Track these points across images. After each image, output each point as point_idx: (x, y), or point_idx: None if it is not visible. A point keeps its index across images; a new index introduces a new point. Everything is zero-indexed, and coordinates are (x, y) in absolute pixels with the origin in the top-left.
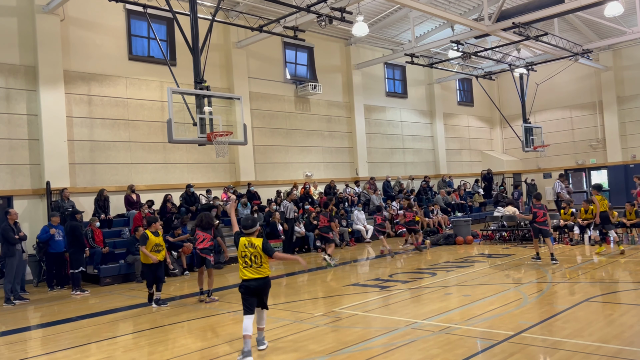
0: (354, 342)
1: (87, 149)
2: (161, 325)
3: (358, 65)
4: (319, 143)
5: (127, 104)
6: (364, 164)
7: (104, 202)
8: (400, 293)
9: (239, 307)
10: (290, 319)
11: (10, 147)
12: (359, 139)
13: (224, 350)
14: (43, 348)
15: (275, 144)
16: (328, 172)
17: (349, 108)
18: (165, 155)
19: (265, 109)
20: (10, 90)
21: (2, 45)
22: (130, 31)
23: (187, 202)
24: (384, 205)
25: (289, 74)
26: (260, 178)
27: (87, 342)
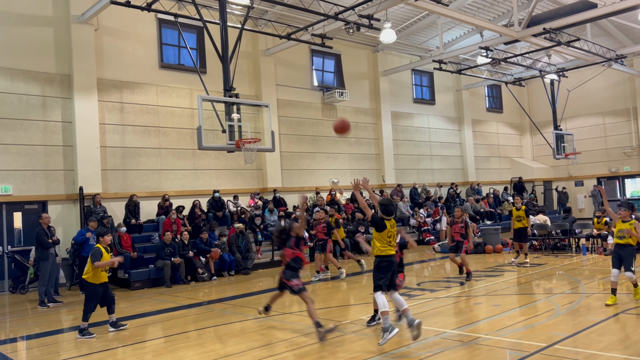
0: (381, 352)
1: (119, 155)
2: (190, 330)
3: (385, 72)
4: (345, 150)
5: (158, 111)
6: (390, 171)
7: (134, 207)
8: (429, 302)
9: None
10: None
11: (45, 153)
12: (385, 146)
13: (253, 356)
14: (76, 350)
15: (302, 151)
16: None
17: (376, 115)
18: (195, 162)
19: (293, 116)
20: (46, 98)
21: (39, 55)
22: (161, 40)
23: (214, 208)
24: (410, 213)
25: (316, 81)
26: (286, 184)
27: (118, 346)
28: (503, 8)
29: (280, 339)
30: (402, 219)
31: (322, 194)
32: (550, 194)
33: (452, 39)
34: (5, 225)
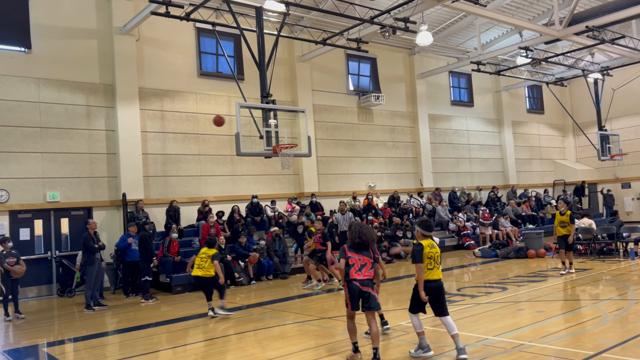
0: (425, 359)
1: (160, 162)
2: (230, 334)
3: (422, 75)
4: (382, 154)
5: (197, 119)
6: (428, 175)
7: (174, 213)
8: (470, 308)
9: (304, 318)
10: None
11: (90, 161)
12: (423, 149)
13: (302, 357)
14: (120, 353)
15: (338, 155)
16: (391, 183)
17: (413, 118)
18: (233, 168)
19: (329, 121)
20: (90, 108)
21: (83, 66)
22: (199, 48)
23: (252, 213)
24: (450, 217)
25: (352, 86)
26: (323, 189)
27: (160, 349)
28: (543, 7)
29: (319, 343)
30: (441, 223)
31: (359, 198)
32: (595, 196)
33: (491, 40)
34: (54, 230)
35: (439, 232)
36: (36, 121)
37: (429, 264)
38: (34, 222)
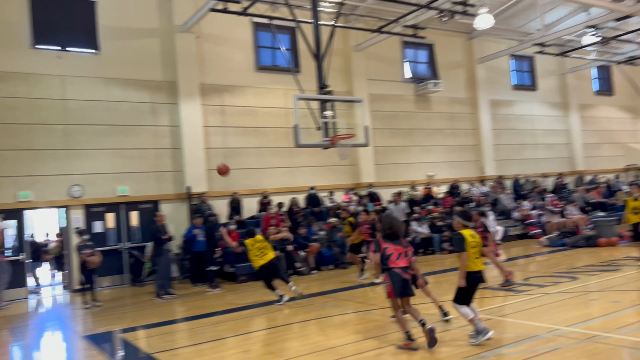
0: (490, 347)
1: (221, 155)
2: (293, 323)
3: (481, 59)
4: (441, 142)
5: (256, 112)
6: (490, 162)
7: (236, 204)
8: (538, 298)
9: (365, 307)
10: None
11: (156, 156)
12: (484, 136)
13: (357, 348)
14: (189, 340)
15: (396, 145)
16: (452, 172)
17: (473, 104)
18: (291, 160)
19: (385, 110)
20: (155, 105)
21: (147, 64)
22: (256, 43)
23: (310, 204)
24: (514, 206)
25: (409, 73)
26: (381, 179)
27: (227, 336)
28: None
29: (380, 333)
30: (505, 212)
31: (417, 188)
32: None
33: (555, 20)
34: (124, 223)
35: (503, 221)
36: (105, 119)
37: (474, 254)
38: (105, 216)
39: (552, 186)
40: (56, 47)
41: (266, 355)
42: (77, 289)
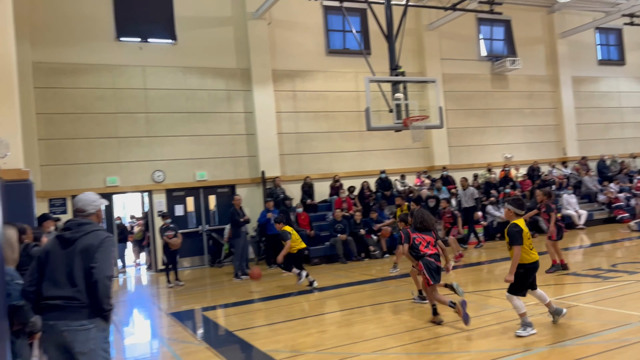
0: (576, 335)
1: (294, 140)
2: (365, 305)
3: (563, 34)
4: (519, 122)
5: (326, 97)
6: (572, 143)
7: (308, 188)
8: (628, 285)
9: (441, 291)
10: (500, 306)
11: (232, 142)
12: (566, 115)
13: (435, 332)
14: (266, 319)
15: (471, 126)
16: (530, 153)
17: (554, 82)
18: (362, 143)
19: (460, 90)
20: (230, 92)
21: (222, 52)
22: (327, 27)
23: (381, 188)
24: (599, 188)
25: (485, 51)
26: (455, 162)
27: (302, 317)
28: None
29: (457, 318)
30: (589, 195)
31: (494, 170)
32: None
33: None
34: (203, 207)
35: (587, 205)
36: (184, 107)
37: (530, 245)
38: (186, 199)
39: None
40: (137, 39)
41: (343, 337)
42: (161, 269)
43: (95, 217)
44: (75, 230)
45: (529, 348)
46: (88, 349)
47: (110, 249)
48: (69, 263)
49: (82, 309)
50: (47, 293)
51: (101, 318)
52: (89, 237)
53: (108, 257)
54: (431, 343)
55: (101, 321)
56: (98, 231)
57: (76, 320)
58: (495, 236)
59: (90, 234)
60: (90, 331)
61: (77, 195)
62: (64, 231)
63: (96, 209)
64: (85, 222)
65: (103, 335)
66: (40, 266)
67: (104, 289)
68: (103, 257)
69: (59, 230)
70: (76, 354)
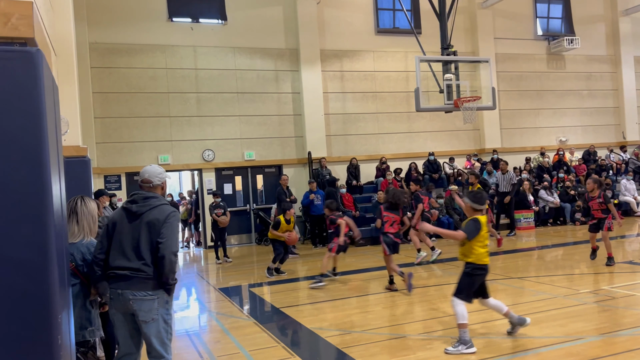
0: (633, 325)
1: (340, 121)
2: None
3: (627, 11)
4: (575, 104)
5: (375, 77)
6: (633, 126)
7: (354, 170)
8: None
9: (490, 277)
10: (551, 293)
11: (279, 122)
12: (627, 97)
13: (483, 317)
14: (311, 297)
15: (524, 108)
16: (587, 137)
17: (615, 62)
18: (410, 125)
19: (513, 70)
20: (278, 72)
21: (271, 32)
22: (377, 5)
23: (429, 170)
24: None
25: (541, 30)
26: (506, 145)
27: (347, 297)
28: None
29: (508, 302)
30: None
31: (548, 154)
32: None
33: None
34: (251, 186)
35: None
36: (233, 87)
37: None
38: (234, 178)
39: None
40: (188, 20)
41: (388, 317)
42: (210, 245)
43: (160, 189)
44: (142, 204)
45: (579, 337)
46: (150, 318)
47: (176, 224)
48: (135, 236)
49: (148, 280)
50: (115, 263)
51: (164, 290)
52: (155, 212)
53: (173, 233)
54: (479, 327)
55: (164, 293)
56: (164, 205)
57: (142, 291)
58: (547, 222)
59: (156, 208)
60: (154, 301)
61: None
62: (131, 204)
63: (162, 181)
64: (151, 195)
65: (166, 307)
66: (108, 236)
67: (169, 264)
68: (169, 232)
69: (125, 202)
70: (140, 322)
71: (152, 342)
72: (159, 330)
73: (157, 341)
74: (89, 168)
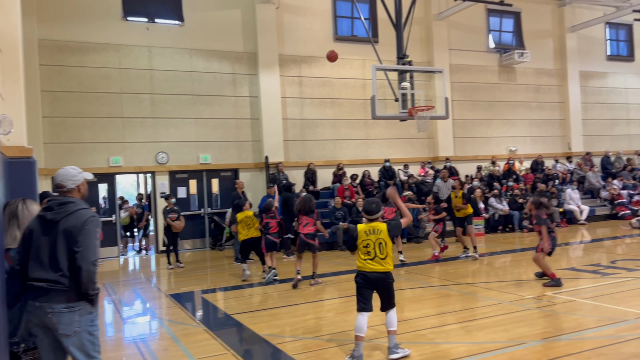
0: (572, 330)
1: (298, 126)
2: None
3: (573, 28)
4: (525, 115)
5: (333, 84)
6: (578, 138)
7: (311, 175)
8: (627, 282)
9: (441, 282)
10: (498, 298)
11: (236, 125)
12: (572, 110)
13: (432, 322)
14: (265, 304)
15: (476, 117)
16: (535, 147)
17: (561, 76)
18: (367, 132)
19: (466, 81)
20: (236, 75)
21: (229, 35)
22: (335, 12)
23: (384, 177)
24: (602, 184)
25: (493, 43)
26: (459, 153)
27: (301, 302)
28: None
29: (458, 308)
30: (592, 191)
31: (499, 163)
32: None
33: None
34: (206, 190)
35: (589, 200)
36: (189, 89)
37: (366, 256)
38: (189, 182)
39: None
40: (144, 19)
41: (341, 323)
42: (162, 250)
43: (76, 192)
44: (57, 211)
45: (522, 341)
46: (72, 331)
47: (94, 231)
48: (52, 245)
49: (67, 292)
50: (33, 274)
51: (87, 301)
52: (72, 218)
53: (92, 240)
54: (427, 333)
55: (86, 304)
56: (81, 210)
57: (60, 303)
58: (497, 229)
59: (73, 215)
60: (75, 314)
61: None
62: (46, 211)
63: (76, 184)
64: (67, 200)
65: (89, 318)
66: (25, 246)
67: (88, 275)
68: (86, 240)
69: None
70: (60, 336)
71: (77, 357)
72: (83, 343)
73: (82, 355)
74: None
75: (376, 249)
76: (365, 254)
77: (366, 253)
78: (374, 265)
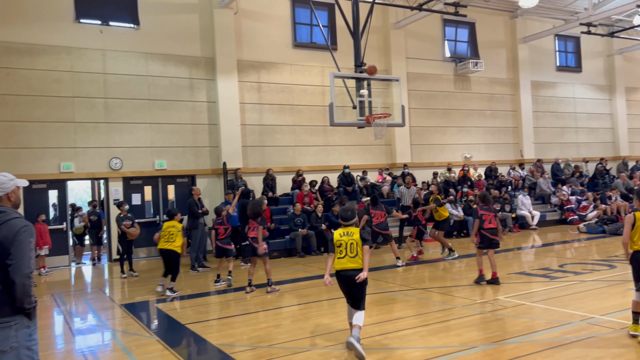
0: (521, 333)
1: (257, 132)
2: (322, 300)
3: (525, 39)
4: (479, 123)
5: (292, 90)
6: (529, 145)
7: (271, 181)
8: (573, 285)
9: (397, 287)
10: (451, 303)
11: (193, 131)
12: (524, 118)
13: (386, 329)
14: (221, 312)
15: (433, 125)
16: (489, 154)
17: (514, 85)
18: (326, 138)
19: (423, 90)
20: (193, 80)
21: (186, 40)
22: (294, 19)
23: (344, 183)
24: (552, 190)
25: (449, 52)
26: (416, 160)
27: (258, 310)
28: None
29: (415, 312)
30: (543, 197)
31: (454, 170)
32: None
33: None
34: (161, 196)
35: (540, 206)
36: (145, 93)
37: (341, 254)
38: (144, 188)
39: (594, 171)
40: (98, 22)
41: (297, 331)
42: (115, 259)
43: (6, 201)
44: None
45: (474, 345)
46: (8, 347)
47: (28, 241)
48: None
49: (1, 306)
50: None
51: (24, 315)
52: (3, 229)
53: (26, 252)
54: (382, 339)
55: (23, 318)
56: (12, 220)
57: None
58: (452, 234)
59: (4, 225)
60: (11, 329)
61: None
62: None
63: (6, 192)
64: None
65: (26, 332)
66: None
67: (22, 288)
68: (19, 252)
69: None
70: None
71: None
72: (21, 359)
73: None
74: None
75: (347, 248)
76: (338, 253)
77: (339, 252)
78: (345, 263)
